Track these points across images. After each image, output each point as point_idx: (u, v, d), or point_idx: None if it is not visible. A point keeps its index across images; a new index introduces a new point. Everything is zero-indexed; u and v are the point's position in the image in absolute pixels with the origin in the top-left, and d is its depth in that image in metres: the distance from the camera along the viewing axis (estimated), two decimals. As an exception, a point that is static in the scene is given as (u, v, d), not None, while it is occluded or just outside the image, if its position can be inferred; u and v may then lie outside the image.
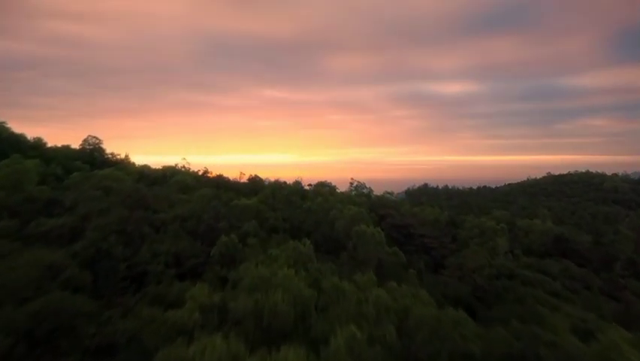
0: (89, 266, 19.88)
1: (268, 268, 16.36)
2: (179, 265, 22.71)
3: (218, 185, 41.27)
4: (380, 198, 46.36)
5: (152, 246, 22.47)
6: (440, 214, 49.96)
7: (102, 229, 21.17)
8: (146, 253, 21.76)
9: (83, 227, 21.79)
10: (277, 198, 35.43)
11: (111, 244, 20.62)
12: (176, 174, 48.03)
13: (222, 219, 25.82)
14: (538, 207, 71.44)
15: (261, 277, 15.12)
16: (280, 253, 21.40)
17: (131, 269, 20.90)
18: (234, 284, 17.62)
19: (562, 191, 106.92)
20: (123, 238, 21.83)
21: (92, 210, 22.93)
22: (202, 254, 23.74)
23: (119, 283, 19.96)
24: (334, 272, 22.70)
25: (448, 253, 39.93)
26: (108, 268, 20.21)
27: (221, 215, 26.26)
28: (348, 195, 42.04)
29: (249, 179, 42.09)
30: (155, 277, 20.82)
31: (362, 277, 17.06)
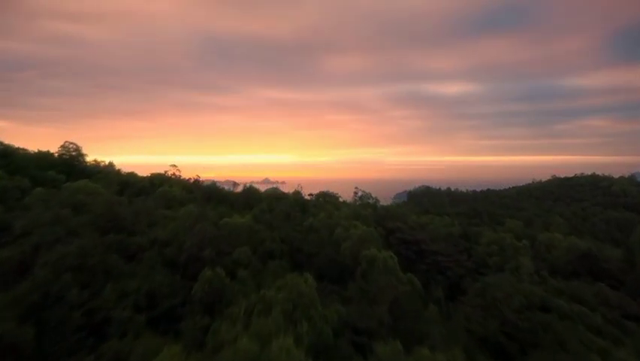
0: (33, 316, 15.68)
1: (258, 335, 12.14)
2: (153, 306, 18.44)
3: (209, 196, 36.97)
4: (387, 209, 42.08)
5: (120, 284, 18.17)
6: (452, 226, 45.67)
7: (55, 264, 16.86)
8: (110, 294, 17.47)
9: (32, 262, 17.51)
10: (274, 213, 31.14)
11: (64, 285, 16.34)
12: (164, 183, 43.78)
13: (208, 246, 21.50)
14: (550, 215, 67.30)
15: (246, 354, 10.92)
16: (276, 295, 17.20)
17: (89, 316, 16.64)
18: (215, 348, 13.48)
19: (569, 195, 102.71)
20: (82, 275, 17.50)
21: (45, 238, 18.58)
22: (182, 292, 19.49)
23: (71, 337, 15.75)
24: (342, 315, 18.53)
25: (464, 272, 35.72)
26: (57, 318, 15.97)
27: (208, 239, 21.94)
28: (353, 208, 37.76)
29: (243, 189, 37.71)
30: (119, 326, 16.58)
31: (384, 348, 12.84)
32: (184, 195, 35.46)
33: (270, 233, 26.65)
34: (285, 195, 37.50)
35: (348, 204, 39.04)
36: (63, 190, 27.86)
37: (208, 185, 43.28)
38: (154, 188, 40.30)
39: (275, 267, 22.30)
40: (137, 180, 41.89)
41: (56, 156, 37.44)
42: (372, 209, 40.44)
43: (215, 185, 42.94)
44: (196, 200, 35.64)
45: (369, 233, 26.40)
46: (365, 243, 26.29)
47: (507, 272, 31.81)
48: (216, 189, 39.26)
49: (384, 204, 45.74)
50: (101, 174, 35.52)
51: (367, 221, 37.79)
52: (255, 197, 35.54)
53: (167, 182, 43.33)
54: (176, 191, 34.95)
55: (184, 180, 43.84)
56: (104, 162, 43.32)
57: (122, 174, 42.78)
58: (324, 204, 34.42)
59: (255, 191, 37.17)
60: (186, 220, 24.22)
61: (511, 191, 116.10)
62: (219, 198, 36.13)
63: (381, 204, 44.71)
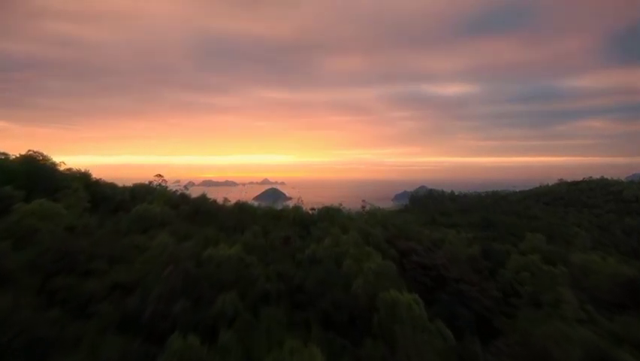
0: None
1: None
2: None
3: (195, 212, 31.78)
4: (399, 226, 36.91)
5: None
6: (470, 244, 40.44)
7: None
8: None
9: None
10: (271, 238, 25.96)
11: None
12: (149, 195, 38.56)
13: (182, 295, 16.32)
14: (568, 225, 62.39)
15: None
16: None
17: None
18: None
19: (579, 200, 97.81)
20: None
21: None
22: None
23: None
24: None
25: (492, 304, 30.54)
26: None
27: (182, 286, 16.76)
28: (361, 227, 32.59)
29: (236, 204, 32.39)
30: None
31: None
32: (166, 213, 30.28)
33: (263, 268, 21.42)
34: (283, 213, 32.37)
35: (355, 220, 33.81)
36: (12, 214, 22.63)
37: (196, 198, 38.07)
38: (135, 202, 35.11)
39: (270, 320, 17.09)
40: (117, 192, 36.64)
41: (18, 165, 32.08)
42: (381, 226, 35.25)
43: (205, 197, 37.76)
44: (179, 219, 30.45)
45: (388, 269, 21.21)
46: (382, 280, 21.17)
47: (546, 307, 26.77)
48: (205, 203, 34.03)
49: (390, 210, 40.49)
50: (69, 189, 30.20)
51: (378, 242, 32.66)
52: (248, 215, 30.33)
53: (152, 193, 38.11)
54: (157, 208, 29.70)
55: (170, 193, 38.61)
56: (79, 170, 38.07)
57: (100, 184, 37.49)
58: (329, 225, 29.18)
59: (248, 208, 31.91)
60: (159, 256, 19.04)
61: (518, 195, 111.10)
62: (208, 215, 30.92)
63: (387, 209, 39.51)
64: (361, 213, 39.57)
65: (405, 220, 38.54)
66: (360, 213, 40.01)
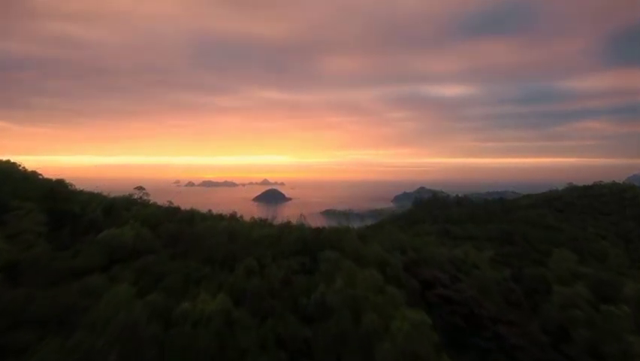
0: None
1: None
2: None
3: (178, 237, 26.12)
4: (418, 249, 31.32)
5: None
6: (495, 265, 34.89)
7: None
8: None
9: None
10: (268, 276, 20.36)
11: None
12: (127, 210, 32.88)
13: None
14: (594, 239, 57.03)
15: None
16: None
17: None
18: None
19: (593, 206, 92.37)
20: None
21: None
22: None
23: None
24: None
25: (541, 354, 24.70)
26: None
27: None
28: (377, 255, 27.06)
29: (226, 230, 26.53)
30: None
31: None
32: (142, 238, 24.66)
33: (257, 327, 15.84)
34: (283, 235, 26.75)
35: (368, 244, 28.14)
36: None
37: (184, 213, 32.44)
38: (109, 221, 29.46)
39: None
40: (88, 209, 30.91)
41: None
42: (399, 252, 29.63)
43: (194, 215, 32.15)
44: (157, 245, 24.80)
45: (422, 330, 15.62)
46: (414, 343, 15.68)
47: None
48: (192, 221, 28.33)
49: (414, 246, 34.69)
50: (21, 209, 24.46)
51: (397, 272, 27.12)
52: (241, 241, 24.51)
53: (131, 209, 32.41)
54: (130, 232, 24.06)
55: (153, 208, 32.91)
56: (46, 179, 32.40)
57: (68, 199, 31.76)
58: (340, 256, 23.51)
59: (241, 231, 26.00)
60: (106, 322, 13.46)
61: (527, 201, 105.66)
62: (193, 241, 25.23)
63: (411, 246, 33.77)
64: (376, 231, 33.90)
65: (424, 241, 32.91)
66: (374, 229, 34.45)
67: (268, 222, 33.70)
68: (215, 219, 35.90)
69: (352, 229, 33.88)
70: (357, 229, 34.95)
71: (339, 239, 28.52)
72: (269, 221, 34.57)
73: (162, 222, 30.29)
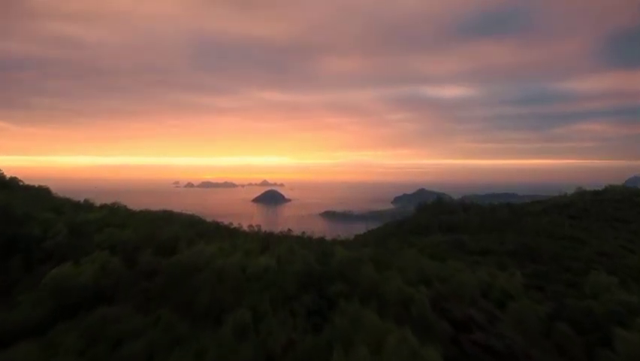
0: None
1: None
2: None
3: (154, 269, 20.91)
4: (445, 279, 26.12)
5: None
6: (529, 292, 29.71)
7: None
8: None
9: None
10: (264, 335, 15.22)
11: None
12: (101, 231, 27.62)
13: None
14: (626, 256, 52.02)
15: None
16: None
17: None
18: None
19: (607, 213, 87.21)
20: None
21: None
22: None
23: None
24: None
25: None
26: None
27: None
28: (400, 290, 21.93)
29: (216, 271, 21.08)
30: None
31: None
32: (106, 277, 19.49)
33: None
34: (285, 270, 21.57)
35: (391, 282, 22.88)
36: None
37: (161, 243, 26.98)
38: (76, 249, 24.24)
39: None
40: (50, 231, 25.68)
41: None
42: (423, 283, 24.46)
43: (177, 237, 26.90)
44: (127, 287, 19.66)
45: None
46: None
47: None
48: (160, 266, 22.58)
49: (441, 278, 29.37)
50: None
51: (423, 310, 22.00)
52: (231, 284, 19.19)
53: (104, 231, 27.22)
54: (90, 271, 18.84)
55: (131, 229, 27.58)
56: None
57: (18, 220, 26.49)
58: (358, 306, 18.19)
59: (231, 271, 20.40)
60: None
61: (537, 207, 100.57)
62: (173, 282, 19.98)
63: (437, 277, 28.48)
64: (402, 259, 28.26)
65: (450, 266, 27.71)
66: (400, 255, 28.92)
67: (265, 244, 28.40)
68: (206, 238, 30.64)
69: (365, 251, 28.72)
70: (368, 251, 29.68)
71: (353, 269, 23.38)
72: (268, 243, 29.29)
73: (141, 247, 25.07)
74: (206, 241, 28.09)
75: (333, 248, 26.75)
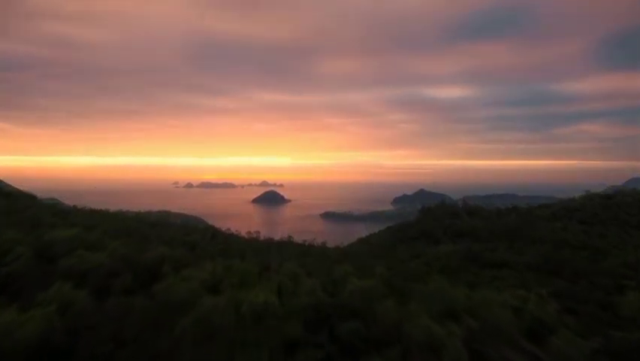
0: None
1: None
2: None
3: (125, 312, 16.92)
4: (475, 311, 22.14)
5: None
6: (569, 325, 26.64)
7: None
8: None
9: None
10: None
11: None
12: (79, 244, 23.69)
13: None
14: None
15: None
16: None
17: None
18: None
19: (620, 218, 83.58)
20: None
21: None
22: None
23: None
24: None
25: None
26: None
27: None
28: (431, 343, 17.61)
29: (203, 323, 17.57)
30: None
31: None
32: (56, 331, 15.63)
33: None
34: (283, 308, 17.78)
35: (415, 321, 18.95)
36: None
37: (141, 268, 23.21)
38: (43, 273, 20.22)
39: None
40: (18, 251, 21.63)
41: None
42: (452, 319, 20.47)
43: (163, 259, 23.15)
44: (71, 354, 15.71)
45: None
46: None
47: None
48: (134, 310, 19.42)
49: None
50: None
51: (457, 356, 18.01)
52: (219, 345, 15.55)
53: (78, 250, 23.17)
54: (36, 322, 14.88)
55: (103, 254, 23.83)
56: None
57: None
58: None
59: (219, 311, 17.05)
60: None
61: (545, 211, 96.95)
62: (138, 344, 16.18)
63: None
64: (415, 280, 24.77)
65: (479, 295, 24.07)
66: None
67: (265, 264, 24.34)
68: (197, 256, 26.46)
69: (379, 272, 24.61)
70: (382, 271, 25.64)
71: (369, 302, 19.27)
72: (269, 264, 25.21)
73: (118, 274, 20.87)
74: (197, 260, 23.92)
75: (342, 270, 22.60)
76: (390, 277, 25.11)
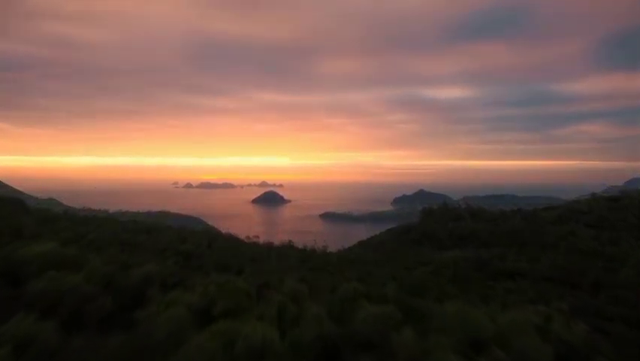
0: None
1: None
2: None
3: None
4: (503, 341, 20.03)
5: None
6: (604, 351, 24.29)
7: None
8: None
9: None
10: None
11: None
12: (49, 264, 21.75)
13: None
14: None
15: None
16: None
17: None
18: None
19: (628, 221, 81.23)
20: None
21: None
22: None
23: None
24: None
25: None
26: None
27: None
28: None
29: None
30: None
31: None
32: None
33: None
34: (287, 341, 15.86)
35: (436, 355, 16.90)
36: None
37: (122, 289, 21.36)
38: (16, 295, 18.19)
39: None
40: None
41: None
42: (477, 351, 18.37)
43: (148, 281, 21.37)
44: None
45: None
46: None
47: None
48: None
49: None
50: None
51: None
52: None
53: (49, 271, 21.18)
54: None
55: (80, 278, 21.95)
56: None
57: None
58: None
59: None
60: None
61: (551, 214, 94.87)
62: None
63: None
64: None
65: (505, 319, 22.12)
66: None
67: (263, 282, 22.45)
68: (188, 273, 24.44)
69: (391, 290, 22.44)
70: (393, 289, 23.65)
71: (383, 332, 17.17)
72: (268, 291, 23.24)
73: (95, 298, 18.73)
74: (189, 276, 21.87)
75: (350, 288, 20.48)
76: (402, 296, 22.59)
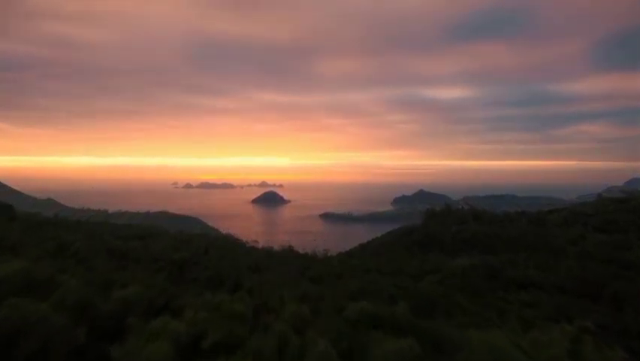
0: None
1: None
2: None
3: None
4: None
5: None
6: None
7: None
8: None
9: None
10: None
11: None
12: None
13: None
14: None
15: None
16: None
17: None
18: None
19: (638, 224, 79.65)
20: None
21: None
22: None
23: None
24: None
25: None
26: None
27: None
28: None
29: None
30: None
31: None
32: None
33: None
34: None
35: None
36: None
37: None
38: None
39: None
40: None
41: None
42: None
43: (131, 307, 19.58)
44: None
45: None
46: None
47: None
48: None
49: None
50: None
51: None
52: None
53: (39, 276, 19.18)
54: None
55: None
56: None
57: None
58: None
59: None
60: None
61: (557, 216, 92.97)
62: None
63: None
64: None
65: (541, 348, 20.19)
66: None
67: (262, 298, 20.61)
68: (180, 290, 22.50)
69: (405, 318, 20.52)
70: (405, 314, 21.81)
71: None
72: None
73: (63, 332, 16.61)
74: (178, 296, 19.97)
75: (358, 309, 18.65)
76: (417, 322, 20.53)
